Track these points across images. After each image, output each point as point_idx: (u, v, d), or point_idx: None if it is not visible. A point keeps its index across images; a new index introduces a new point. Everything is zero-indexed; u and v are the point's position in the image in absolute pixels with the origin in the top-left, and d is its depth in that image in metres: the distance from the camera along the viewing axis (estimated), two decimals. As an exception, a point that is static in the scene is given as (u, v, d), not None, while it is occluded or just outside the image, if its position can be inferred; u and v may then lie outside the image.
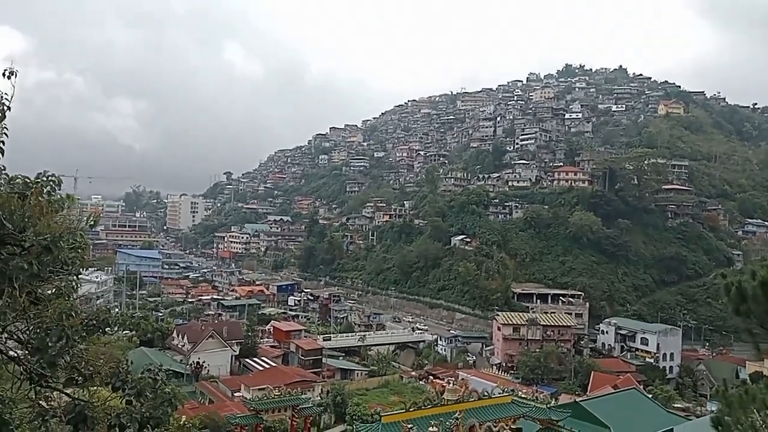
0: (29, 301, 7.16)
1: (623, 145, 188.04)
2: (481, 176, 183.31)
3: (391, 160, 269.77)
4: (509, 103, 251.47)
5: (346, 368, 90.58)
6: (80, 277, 8.84)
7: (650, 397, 60.15)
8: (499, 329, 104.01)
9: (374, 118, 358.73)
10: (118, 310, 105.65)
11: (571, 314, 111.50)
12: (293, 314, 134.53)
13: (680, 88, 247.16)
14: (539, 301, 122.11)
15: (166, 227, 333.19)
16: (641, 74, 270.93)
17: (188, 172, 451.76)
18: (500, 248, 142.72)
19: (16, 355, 7.45)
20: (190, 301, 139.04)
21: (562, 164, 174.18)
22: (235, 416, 49.48)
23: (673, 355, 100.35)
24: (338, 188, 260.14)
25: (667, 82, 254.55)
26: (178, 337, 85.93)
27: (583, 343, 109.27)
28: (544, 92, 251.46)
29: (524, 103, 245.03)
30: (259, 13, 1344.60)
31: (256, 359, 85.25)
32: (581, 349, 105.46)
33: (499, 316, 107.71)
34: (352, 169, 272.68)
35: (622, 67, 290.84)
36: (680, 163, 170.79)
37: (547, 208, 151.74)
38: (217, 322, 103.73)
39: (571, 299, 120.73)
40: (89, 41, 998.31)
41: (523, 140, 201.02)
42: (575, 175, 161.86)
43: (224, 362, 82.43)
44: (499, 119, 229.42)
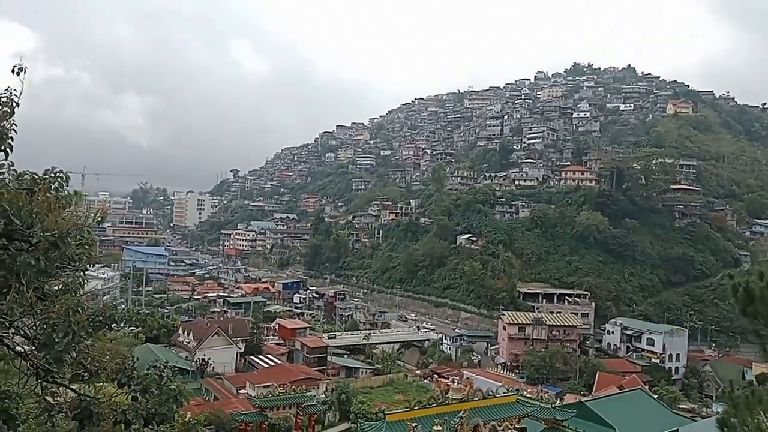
0: (36, 296, 7.18)
1: (631, 144, 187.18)
2: (487, 175, 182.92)
3: (397, 158, 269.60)
4: (517, 101, 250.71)
5: (350, 366, 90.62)
6: (87, 273, 8.87)
7: (656, 397, 59.97)
8: (504, 328, 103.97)
9: (381, 116, 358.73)
10: (124, 306, 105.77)
11: (576, 314, 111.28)
12: (298, 312, 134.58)
13: (689, 87, 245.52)
14: (545, 300, 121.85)
15: (172, 224, 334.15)
16: (650, 73, 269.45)
17: (195, 169, 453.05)
18: (506, 247, 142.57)
19: (22, 350, 7.49)
20: (195, 298, 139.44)
21: (569, 163, 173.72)
22: (240, 413, 49.69)
23: (679, 355, 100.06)
24: (344, 186, 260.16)
25: (675, 81, 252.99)
26: (183, 334, 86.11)
27: (588, 343, 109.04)
28: (551, 91, 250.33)
29: (532, 101, 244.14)
30: (264, 12, 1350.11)
31: (261, 357, 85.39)
32: (587, 349, 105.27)
33: (504, 315, 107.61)
34: (358, 167, 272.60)
35: (630, 66, 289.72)
36: (688, 162, 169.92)
37: (553, 207, 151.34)
38: (222, 319, 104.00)
39: (577, 299, 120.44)
40: (97, 39, 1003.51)
41: (530, 139, 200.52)
42: (582, 174, 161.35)
43: (229, 359, 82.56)
44: (506, 118, 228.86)
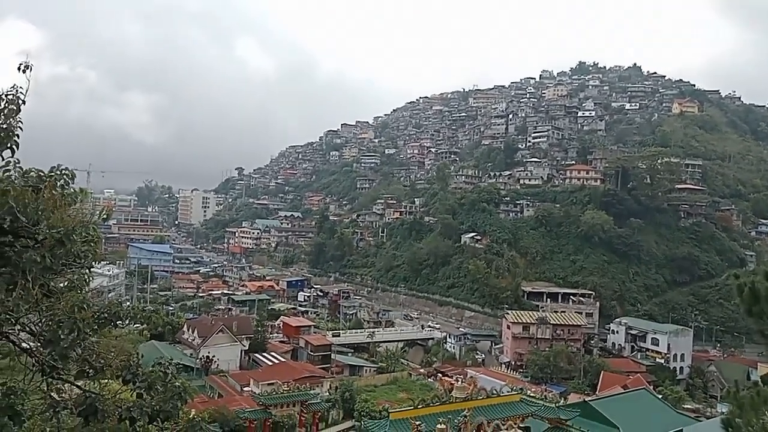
0: (42, 293, 7.22)
1: (636, 143, 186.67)
2: (492, 174, 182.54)
3: (402, 157, 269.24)
4: (522, 100, 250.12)
5: (354, 364, 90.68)
6: (92, 270, 8.91)
7: (660, 397, 59.78)
8: (508, 328, 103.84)
9: (386, 114, 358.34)
10: (129, 303, 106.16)
11: (581, 313, 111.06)
12: (303, 310, 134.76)
13: (695, 86, 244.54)
14: (549, 300, 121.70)
15: (177, 222, 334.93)
16: (655, 72, 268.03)
17: (200, 167, 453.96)
18: (511, 246, 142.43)
19: (28, 347, 7.52)
20: (200, 295, 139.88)
21: (574, 162, 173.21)
22: (244, 411, 49.80)
23: (683, 355, 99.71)
24: (349, 185, 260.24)
25: (681, 80, 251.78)
26: (188, 331, 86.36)
27: (593, 342, 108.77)
28: (557, 90, 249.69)
29: (537, 100, 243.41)
30: (270, 10, 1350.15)
31: (265, 354, 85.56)
32: (591, 348, 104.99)
33: (508, 314, 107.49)
34: (362, 165, 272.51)
35: (636, 64, 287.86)
36: (694, 162, 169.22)
37: (558, 206, 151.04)
38: (227, 316, 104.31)
39: (581, 298, 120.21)
40: (103, 36, 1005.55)
41: (535, 138, 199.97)
42: (587, 173, 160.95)
43: (234, 357, 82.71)
44: (511, 117, 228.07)
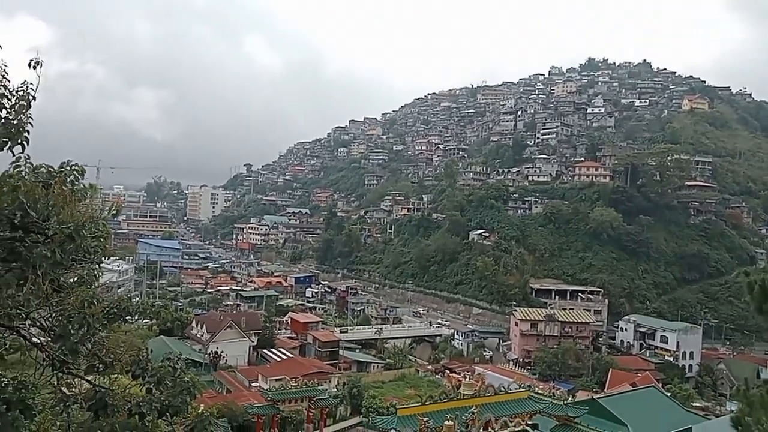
0: (52, 288, 7.25)
1: (646, 140, 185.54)
2: (500, 171, 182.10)
3: (410, 153, 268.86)
4: (530, 97, 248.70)
5: (362, 361, 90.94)
6: (102, 265, 8.94)
7: (669, 395, 59.54)
8: (516, 325, 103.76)
9: (394, 111, 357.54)
10: (138, 299, 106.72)
11: (589, 311, 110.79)
12: (311, 306, 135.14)
13: (705, 83, 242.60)
14: (558, 297, 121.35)
15: (186, 218, 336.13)
16: (665, 69, 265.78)
17: (208, 163, 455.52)
18: (519, 243, 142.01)
19: (38, 341, 7.57)
20: (209, 291, 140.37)
21: (583, 159, 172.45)
22: (252, 406, 49.96)
23: (692, 353, 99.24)
24: (357, 181, 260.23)
25: (691, 77, 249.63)
26: (197, 326, 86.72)
27: (601, 340, 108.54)
28: (566, 86, 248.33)
29: (545, 97, 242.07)
30: (277, 7, 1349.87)
31: (273, 350, 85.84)
32: (599, 346, 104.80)
33: (516, 311, 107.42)
34: (370, 162, 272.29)
35: (646, 61, 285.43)
36: (704, 159, 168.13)
37: (567, 203, 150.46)
38: (235, 312, 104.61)
39: (590, 296, 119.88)
40: (112, 33, 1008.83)
41: (543, 135, 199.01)
42: (596, 170, 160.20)
43: (242, 352, 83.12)
44: (519, 113, 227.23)
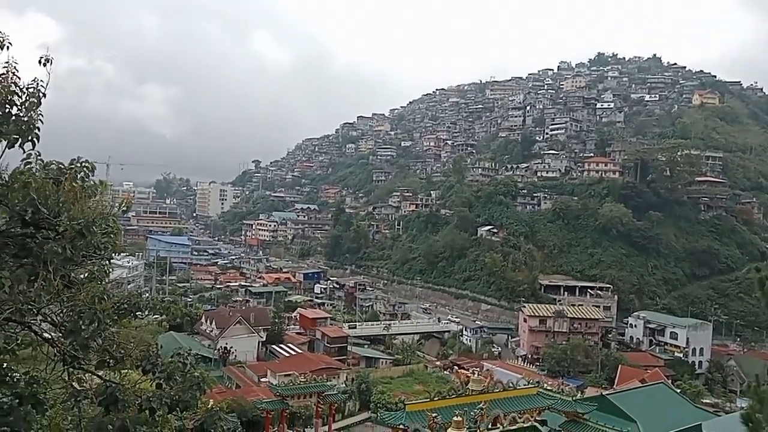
0: (63, 284, 7.30)
1: (656, 135, 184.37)
2: (509, 166, 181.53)
3: (418, 149, 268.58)
4: (539, 92, 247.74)
5: (371, 356, 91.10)
6: (112, 261, 8.99)
7: (678, 392, 59.30)
8: (525, 321, 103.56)
9: (402, 107, 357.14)
10: (148, 294, 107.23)
11: (599, 307, 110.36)
12: (319, 302, 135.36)
13: (716, 78, 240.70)
14: (567, 293, 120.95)
15: (195, 214, 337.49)
16: (675, 63, 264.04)
17: (217, 159, 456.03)
18: (528, 239, 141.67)
19: (50, 337, 7.62)
20: (218, 287, 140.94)
21: (592, 155, 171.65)
22: (261, 401, 50.16)
23: (702, 350, 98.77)
24: (365, 177, 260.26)
25: (702, 71, 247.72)
26: (206, 322, 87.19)
27: (610, 336, 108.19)
28: (575, 81, 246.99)
29: (555, 92, 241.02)
30: (284, 3, 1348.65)
31: (282, 346, 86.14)
32: (609, 342, 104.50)
33: (525, 307, 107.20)
34: (378, 158, 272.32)
35: (655, 56, 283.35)
36: (714, 154, 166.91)
37: (576, 199, 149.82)
38: (244, 308, 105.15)
39: (599, 292, 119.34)
40: (120, 29, 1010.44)
41: (552, 130, 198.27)
42: (606, 165, 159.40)
43: (251, 348, 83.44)
44: (528, 108, 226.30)
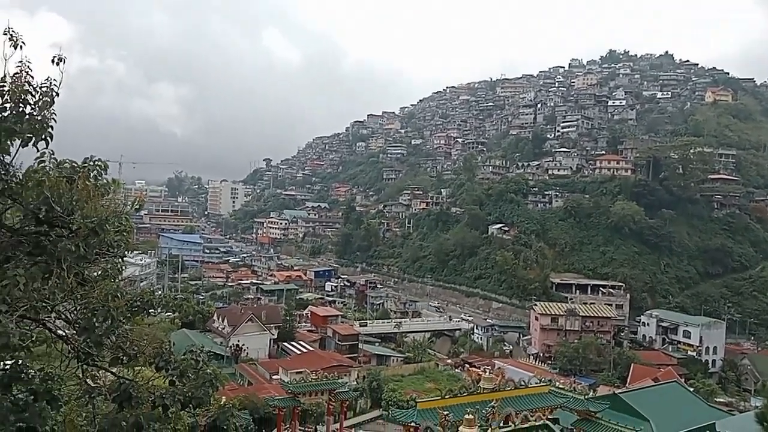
0: (77, 282, 7.34)
1: (668, 133, 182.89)
2: (520, 164, 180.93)
3: (428, 147, 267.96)
4: (550, 89, 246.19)
5: (382, 354, 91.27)
6: (125, 259, 9.04)
7: (692, 390, 58.85)
8: (536, 319, 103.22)
9: (412, 105, 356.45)
10: (160, 292, 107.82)
11: (611, 305, 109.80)
12: (330, 300, 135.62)
13: (729, 74, 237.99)
14: (578, 291, 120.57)
15: (207, 212, 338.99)
16: (688, 60, 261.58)
17: (228, 158, 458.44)
18: (539, 237, 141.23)
19: (64, 334, 7.68)
20: (230, 285, 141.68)
21: (604, 152, 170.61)
22: (273, 398, 50.31)
23: (716, 348, 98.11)
24: (375, 175, 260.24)
25: (715, 68, 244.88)
26: (218, 319, 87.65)
27: (623, 334, 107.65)
28: (586, 78, 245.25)
29: (566, 89, 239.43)
30: (294, 1, 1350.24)
31: (293, 343, 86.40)
32: (621, 340, 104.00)
33: (537, 306, 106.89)
34: (389, 156, 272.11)
35: (668, 52, 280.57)
36: (727, 152, 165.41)
37: (588, 197, 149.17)
38: (256, 306, 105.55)
39: (611, 290, 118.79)
40: (131, 28, 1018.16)
41: (564, 128, 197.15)
42: (618, 163, 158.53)
43: (263, 345, 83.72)
44: (539, 106, 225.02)
